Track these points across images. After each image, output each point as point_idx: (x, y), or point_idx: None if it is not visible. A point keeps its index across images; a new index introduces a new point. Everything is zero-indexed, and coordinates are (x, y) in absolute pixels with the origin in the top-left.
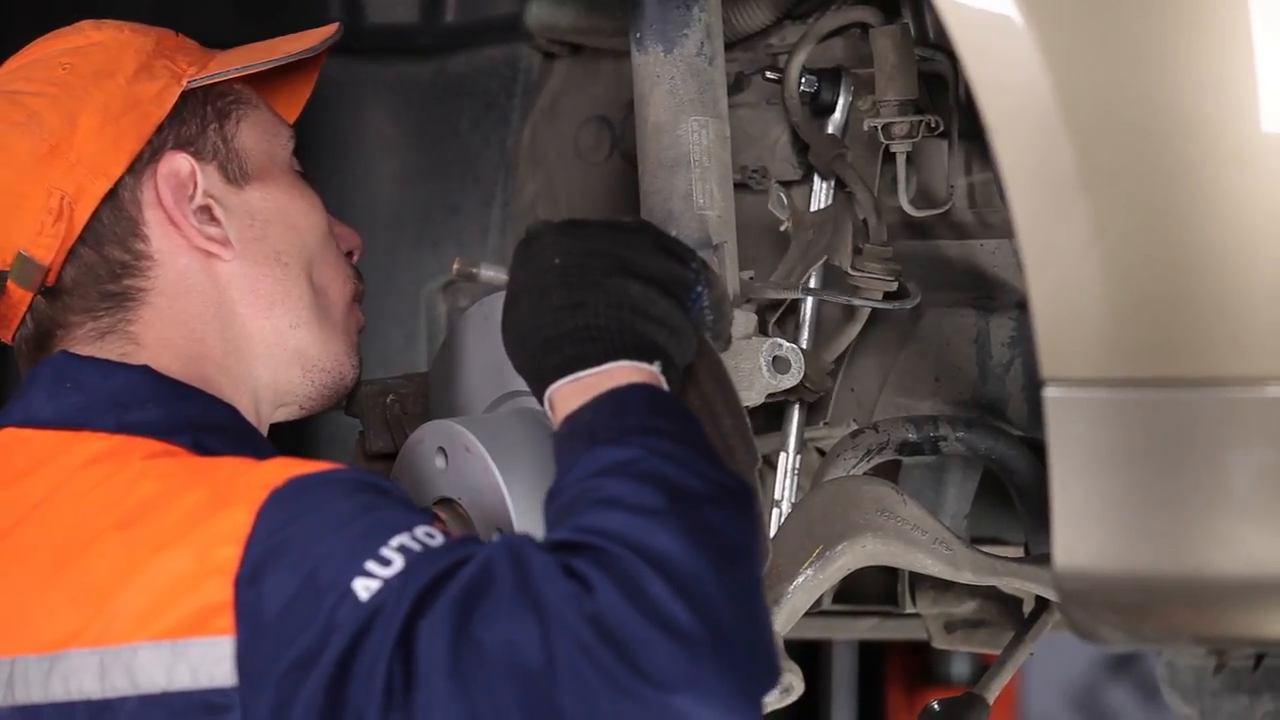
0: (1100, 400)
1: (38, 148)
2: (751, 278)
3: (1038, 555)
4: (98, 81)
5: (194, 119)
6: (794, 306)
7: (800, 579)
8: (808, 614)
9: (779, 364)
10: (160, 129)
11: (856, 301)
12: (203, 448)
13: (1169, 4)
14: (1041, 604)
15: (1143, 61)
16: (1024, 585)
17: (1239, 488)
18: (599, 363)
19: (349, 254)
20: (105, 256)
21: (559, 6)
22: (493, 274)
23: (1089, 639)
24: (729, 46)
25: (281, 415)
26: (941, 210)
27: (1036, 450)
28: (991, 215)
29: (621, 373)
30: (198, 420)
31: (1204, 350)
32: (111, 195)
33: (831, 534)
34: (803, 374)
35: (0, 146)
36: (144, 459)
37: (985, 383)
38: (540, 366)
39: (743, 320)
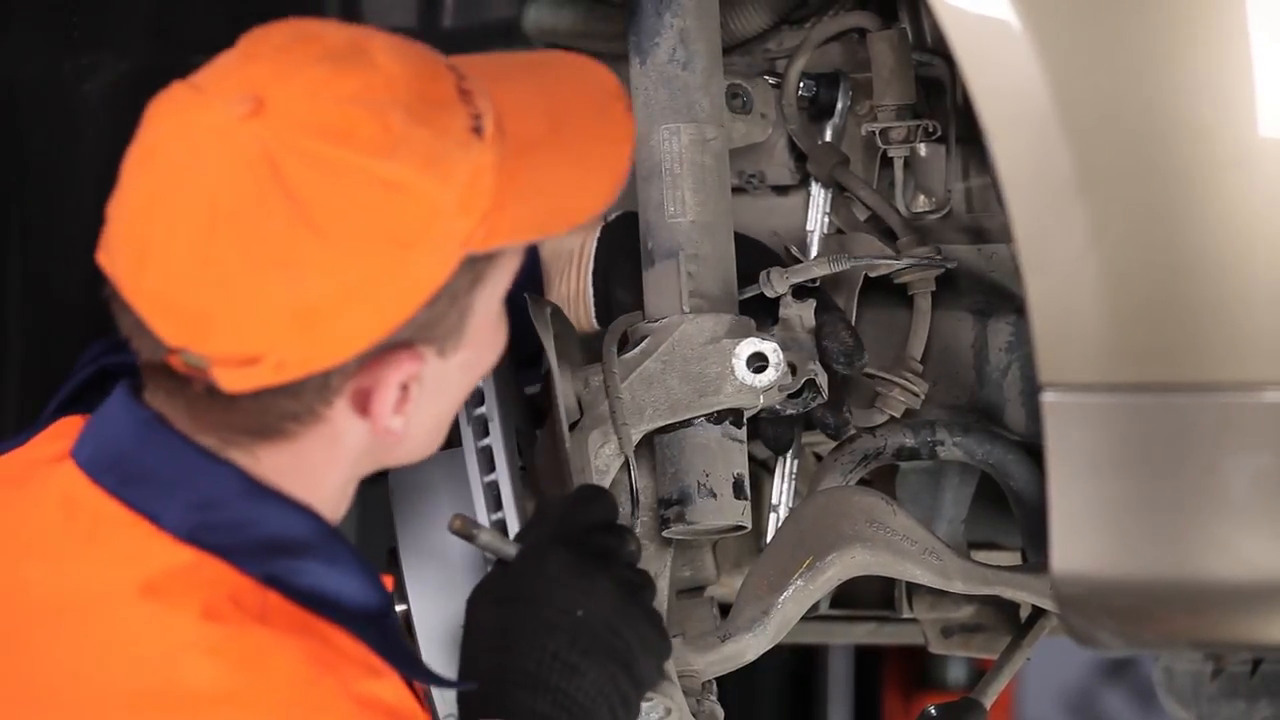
0: (1098, 405)
1: (292, 303)
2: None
3: (1031, 564)
4: (376, 248)
5: (443, 297)
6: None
7: (790, 590)
8: (804, 619)
9: (755, 360)
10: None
11: (903, 264)
12: (275, 581)
13: (1166, 8)
14: (1038, 609)
15: (1140, 66)
16: (1015, 594)
17: (1236, 492)
18: None
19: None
20: (275, 405)
21: (557, 10)
22: (489, 540)
23: (1086, 644)
24: (726, 51)
25: None
26: (939, 215)
27: (1034, 455)
28: (989, 220)
29: None
30: (274, 538)
31: (1201, 355)
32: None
33: (822, 545)
34: (784, 368)
35: (256, 267)
36: (201, 619)
37: (983, 387)
38: (497, 691)
39: (710, 324)
